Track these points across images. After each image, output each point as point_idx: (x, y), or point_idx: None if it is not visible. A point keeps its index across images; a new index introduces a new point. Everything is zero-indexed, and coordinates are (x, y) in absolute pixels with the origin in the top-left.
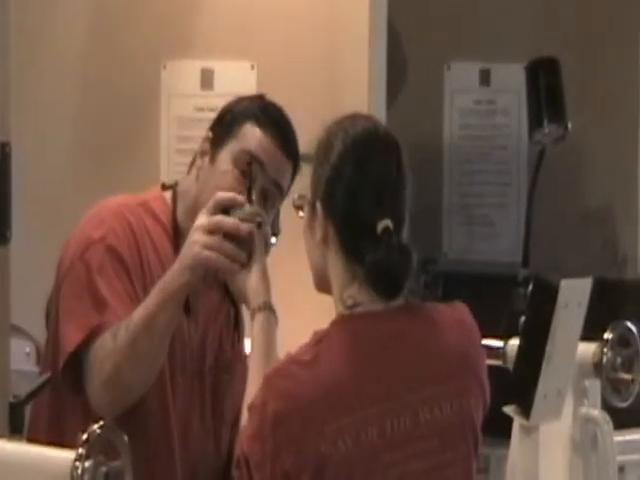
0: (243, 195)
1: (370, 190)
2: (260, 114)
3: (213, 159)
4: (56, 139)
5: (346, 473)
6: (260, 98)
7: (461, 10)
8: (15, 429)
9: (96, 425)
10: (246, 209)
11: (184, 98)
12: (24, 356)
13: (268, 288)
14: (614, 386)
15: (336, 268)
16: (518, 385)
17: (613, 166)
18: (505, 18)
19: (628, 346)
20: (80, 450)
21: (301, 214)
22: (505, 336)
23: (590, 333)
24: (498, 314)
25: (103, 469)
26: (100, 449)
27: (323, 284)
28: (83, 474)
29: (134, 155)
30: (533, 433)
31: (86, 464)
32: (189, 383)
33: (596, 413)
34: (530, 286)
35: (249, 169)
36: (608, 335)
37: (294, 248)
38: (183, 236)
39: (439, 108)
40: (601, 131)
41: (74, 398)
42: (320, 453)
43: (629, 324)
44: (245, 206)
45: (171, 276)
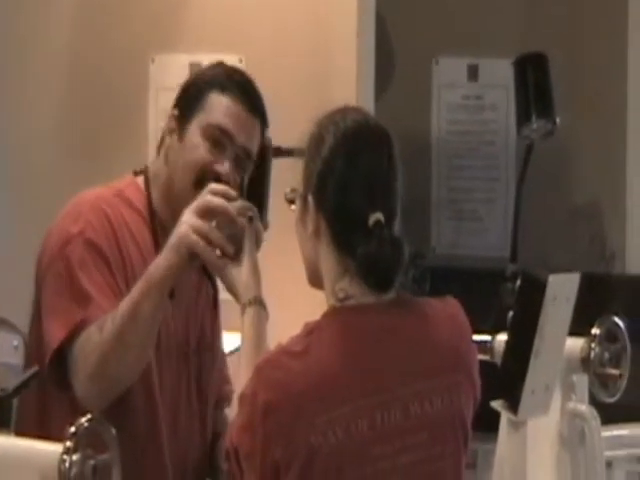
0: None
1: (361, 183)
2: (224, 80)
3: (181, 136)
4: (44, 131)
5: (336, 464)
6: (220, 65)
7: (449, 5)
8: (3, 422)
9: (84, 418)
10: (237, 204)
11: (172, 92)
12: (11, 349)
13: (259, 283)
14: (602, 381)
15: (328, 261)
16: (506, 380)
17: (601, 161)
18: (493, 14)
19: (616, 341)
20: (68, 443)
21: (293, 207)
22: (493, 331)
23: (578, 328)
24: (486, 309)
25: (91, 462)
26: (88, 442)
27: (315, 279)
28: (71, 467)
29: (122, 148)
30: (521, 428)
31: (74, 457)
32: (175, 368)
33: (584, 408)
34: (518, 281)
35: (239, 163)
36: (596, 330)
37: (285, 242)
38: (161, 221)
39: (427, 103)
40: (589, 126)
41: (60, 394)
42: (310, 444)
43: (617, 319)
44: (237, 201)
45: (156, 262)
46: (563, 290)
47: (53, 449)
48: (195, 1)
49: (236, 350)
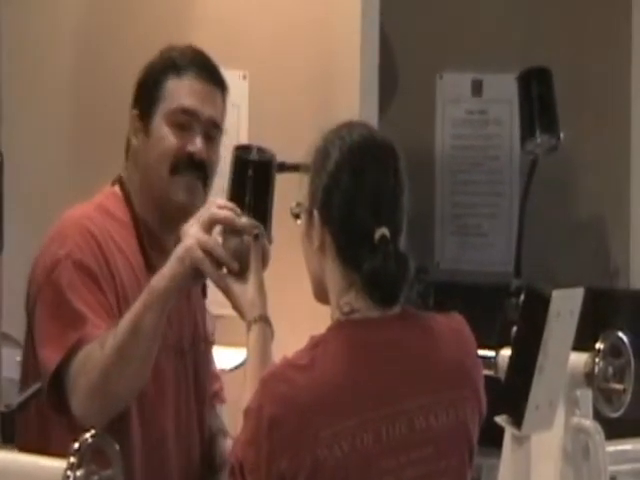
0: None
1: (367, 198)
2: (178, 62)
3: (147, 133)
4: (48, 148)
5: (341, 478)
6: (167, 50)
7: (453, 21)
8: (6, 438)
9: (88, 434)
10: (243, 221)
11: None
12: (15, 365)
13: (265, 300)
14: (606, 396)
15: (333, 276)
16: (510, 395)
17: (605, 176)
18: (497, 29)
19: (620, 356)
20: (72, 459)
21: (299, 222)
22: (497, 346)
23: (582, 343)
24: (490, 324)
25: (95, 478)
26: (91, 458)
27: (321, 293)
28: None
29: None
30: (525, 443)
31: (78, 473)
32: (173, 367)
33: (588, 423)
34: (522, 296)
35: (209, 136)
36: (600, 345)
37: (289, 256)
38: (145, 224)
39: (431, 118)
40: (593, 141)
41: (60, 417)
42: (316, 457)
43: (621, 334)
44: (242, 218)
45: (160, 273)
46: (567, 305)
47: (57, 465)
48: (198, 17)
49: (240, 366)
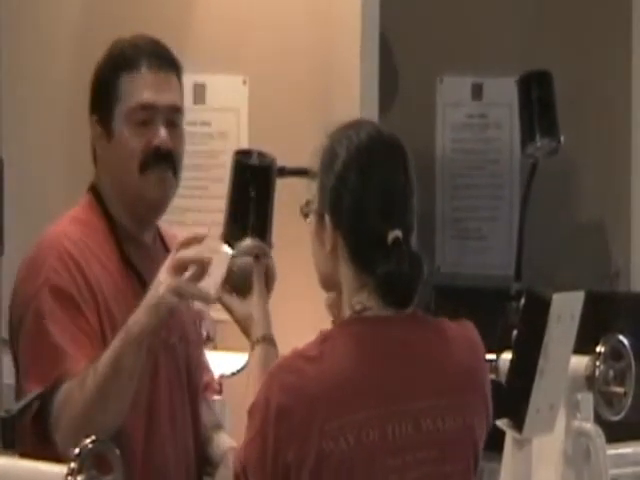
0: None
1: (377, 200)
2: (125, 57)
3: (109, 136)
4: (48, 154)
5: (347, 471)
6: (114, 46)
7: (453, 24)
8: (7, 443)
9: (88, 439)
10: (244, 243)
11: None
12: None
13: (268, 320)
14: (607, 399)
15: (346, 276)
16: (511, 399)
17: (605, 180)
18: (497, 32)
19: (620, 359)
20: (72, 464)
21: (308, 221)
22: (498, 350)
23: (582, 346)
24: (490, 328)
25: None
26: (92, 463)
27: (330, 286)
28: None
29: None
30: (526, 447)
31: (78, 478)
32: (164, 363)
33: (589, 426)
34: (522, 300)
35: (172, 122)
36: (600, 348)
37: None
38: (123, 226)
39: (431, 122)
40: (593, 145)
41: (43, 445)
42: (321, 448)
43: (621, 337)
44: (245, 240)
45: (136, 318)
46: (567, 308)
47: (58, 470)
48: (198, 22)
49: (240, 370)
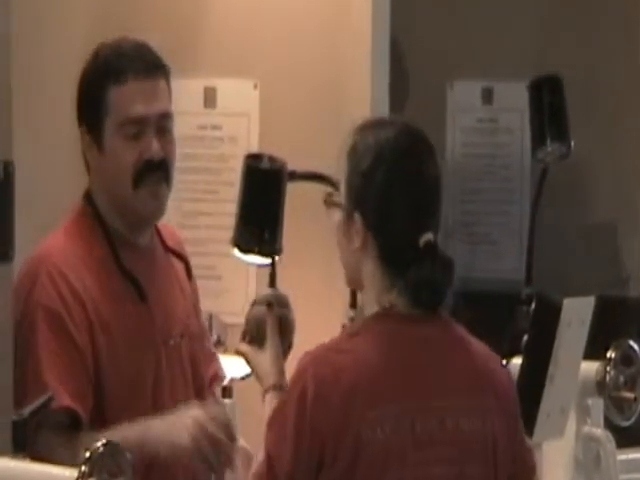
0: None
1: (408, 204)
2: (112, 66)
3: (100, 148)
4: (59, 158)
5: (382, 461)
6: (98, 55)
7: (464, 29)
8: (18, 446)
9: (99, 442)
10: (258, 298)
11: (187, 116)
12: None
13: (280, 369)
14: (617, 405)
15: (374, 274)
16: (521, 403)
17: (616, 184)
18: (508, 37)
19: (631, 365)
20: (83, 468)
21: (331, 212)
22: (508, 355)
23: (593, 352)
24: (501, 333)
25: None
26: (103, 466)
27: (356, 282)
28: None
29: None
30: (536, 451)
31: None
32: (167, 361)
33: (599, 432)
34: (533, 304)
35: (164, 128)
36: (611, 354)
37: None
38: (117, 233)
39: (442, 126)
40: (604, 149)
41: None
42: (359, 437)
43: (632, 343)
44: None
45: (160, 435)
46: (578, 313)
47: (68, 474)
48: (210, 26)
49: (251, 374)
